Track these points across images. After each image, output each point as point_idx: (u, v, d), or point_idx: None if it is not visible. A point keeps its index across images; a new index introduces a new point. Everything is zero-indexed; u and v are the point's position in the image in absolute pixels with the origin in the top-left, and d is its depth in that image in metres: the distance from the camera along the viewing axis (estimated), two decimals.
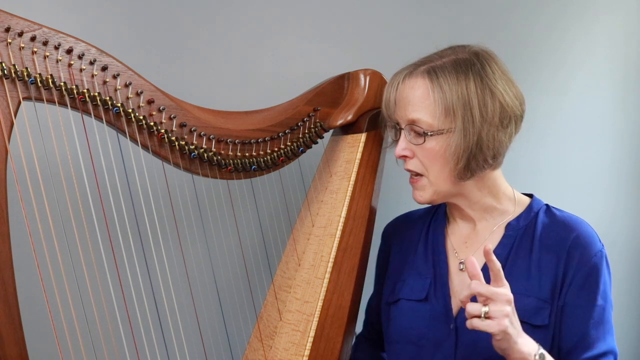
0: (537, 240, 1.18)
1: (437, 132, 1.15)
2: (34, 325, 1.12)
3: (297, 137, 1.30)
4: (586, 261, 1.15)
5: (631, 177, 2.06)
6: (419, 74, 1.16)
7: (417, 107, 1.16)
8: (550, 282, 1.15)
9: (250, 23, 1.53)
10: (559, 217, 1.21)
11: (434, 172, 1.19)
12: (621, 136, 2.03)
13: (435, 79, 1.15)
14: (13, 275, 0.98)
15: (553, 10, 1.87)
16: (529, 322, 1.13)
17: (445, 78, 1.15)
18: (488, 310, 1.01)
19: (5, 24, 0.98)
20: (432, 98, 1.15)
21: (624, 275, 2.06)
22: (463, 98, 1.14)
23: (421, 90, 1.15)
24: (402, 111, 1.19)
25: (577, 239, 1.16)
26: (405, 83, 1.18)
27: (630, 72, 2.02)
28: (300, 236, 1.36)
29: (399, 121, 1.20)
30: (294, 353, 1.21)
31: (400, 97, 1.18)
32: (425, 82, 1.15)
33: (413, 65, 1.20)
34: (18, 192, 1.00)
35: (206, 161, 1.19)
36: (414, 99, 1.16)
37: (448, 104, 1.14)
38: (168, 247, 1.26)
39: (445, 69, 1.15)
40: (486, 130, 1.14)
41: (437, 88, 1.14)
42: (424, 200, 1.22)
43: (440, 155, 1.16)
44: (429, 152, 1.17)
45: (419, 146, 1.17)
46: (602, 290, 1.15)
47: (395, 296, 1.27)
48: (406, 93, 1.17)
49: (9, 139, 0.98)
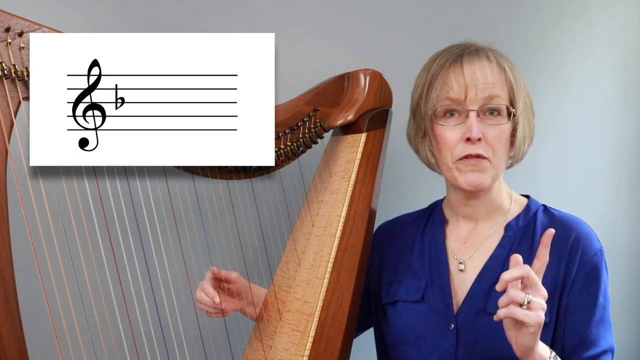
0: (536, 241, 1.18)
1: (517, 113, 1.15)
2: (34, 325, 1.12)
3: (297, 137, 1.30)
4: (587, 261, 1.15)
5: (631, 177, 2.06)
6: (483, 57, 1.16)
7: (496, 86, 1.14)
8: (550, 282, 1.14)
9: (250, 23, 1.53)
10: (557, 217, 1.21)
11: (498, 155, 1.16)
12: (621, 136, 2.03)
13: (501, 62, 1.16)
14: (13, 275, 0.98)
15: (553, 10, 1.87)
16: None
17: (507, 62, 1.17)
18: (531, 300, 0.96)
19: (5, 24, 0.98)
20: (505, 79, 1.15)
21: (624, 275, 2.06)
22: (521, 83, 1.17)
23: (495, 71, 1.15)
24: (475, 91, 1.14)
25: (577, 239, 1.16)
26: (474, 63, 1.15)
27: (630, 72, 2.02)
28: (300, 236, 1.36)
29: (468, 102, 1.14)
30: (294, 353, 1.21)
31: (473, 77, 1.14)
32: (493, 63, 1.15)
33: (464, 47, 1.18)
34: (18, 192, 1.00)
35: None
36: (492, 78, 1.14)
37: (518, 86, 1.15)
38: (168, 247, 1.26)
39: (501, 54, 1.18)
40: (531, 116, 1.20)
41: (507, 70, 1.15)
42: (485, 184, 1.16)
43: (507, 138, 1.16)
44: (502, 133, 1.15)
45: (492, 127, 1.14)
46: (602, 289, 1.15)
47: (392, 297, 1.27)
48: (481, 72, 1.14)
49: (9, 139, 0.98)
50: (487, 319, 1.14)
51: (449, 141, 1.17)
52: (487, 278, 1.18)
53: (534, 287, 0.97)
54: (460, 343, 1.16)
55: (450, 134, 1.16)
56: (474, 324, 1.14)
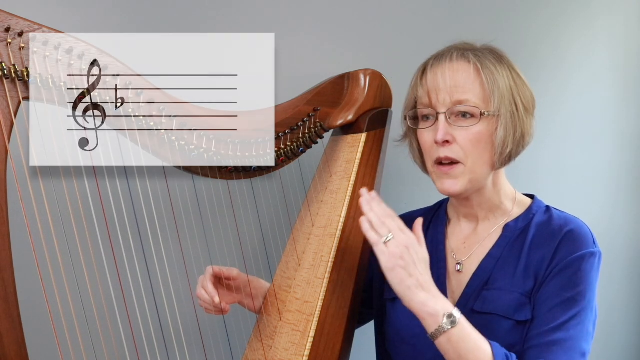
0: (529, 240, 1.17)
1: (490, 113, 1.13)
2: (34, 325, 1.12)
3: (297, 137, 1.30)
4: (570, 254, 1.11)
5: (631, 177, 2.06)
6: (462, 58, 1.15)
7: (466, 89, 1.13)
8: (534, 275, 1.13)
9: (250, 23, 1.53)
10: (556, 215, 1.20)
11: (474, 158, 1.15)
12: (621, 136, 2.03)
13: (483, 62, 1.14)
14: (13, 275, 0.98)
15: (552, 10, 1.87)
16: (512, 319, 1.13)
17: (490, 62, 1.15)
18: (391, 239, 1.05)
19: (5, 24, 0.98)
20: (482, 80, 1.14)
21: (624, 276, 2.06)
22: (508, 82, 1.15)
23: (469, 73, 1.14)
24: (445, 94, 1.14)
25: (569, 233, 1.14)
26: (449, 65, 1.15)
27: (630, 71, 2.02)
28: (300, 236, 1.36)
29: (437, 106, 1.15)
30: (294, 353, 1.21)
31: (444, 80, 1.14)
32: (472, 65, 1.14)
33: (450, 49, 1.18)
34: (18, 192, 1.00)
35: (206, 161, 1.19)
36: (464, 81, 1.14)
37: (496, 87, 1.13)
38: (168, 247, 1.26)
39: (485, 55, 1.16)
40: (526, 116, 1.17)
41: (486, 71, 1.14)
42: (457, 189, 1.16)
43: (486, 140, 1.14)
44: (475, 135, 1.14)
45: (463, 130, 1.14)
46: (582, 289, 1.09)
47: (392, 294, 1.27)
48: (452, 76, 1.14)
49: (9, 139, 0.98)
50: (477, 318, 1.13)
51: (425, 145, 1.19)
52: (480, 278, 1.18)
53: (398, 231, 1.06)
54: None
55: (426, 137, 1.18)
56: None
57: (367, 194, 1.14)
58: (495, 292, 1.15)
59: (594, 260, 1.12)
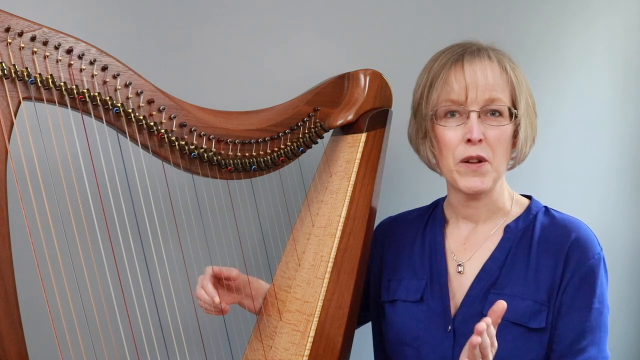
0: (535, 243, 1.18)
1: (519, 114, 1.14)
2: (34, 325, 1.12)
3: (297, 137, 1.30)
4: (583, 263, 1.14)
5: (631, 177, 2.06)
6: (485, 57, 1.15)
7: (497, 87, 1.13)
8: (547, 285, 1.14)
9: (251, 23, 1.53)
10: (558, 219, 1.20)
11: (499, 157, 1.15)
12: (621, 136, 2.03)
13: (503, 62, 1.15)
14: (13, 275, 0.98)
15: (552, 10, 1.87)
16: (525, 325, 1.13)
17: (509, 62, 1.16)
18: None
19: (5, 24, 0.98)
20: (506, 79, 1.14)
21: (624, 276, 2.06)
22: (523, 84, 1.16)
23: (496, 72, 1.14)
24: (476, 92, 1.13)
25: (576, 241, 1.15)
26: (475, 64, 1.14)
27: (630, 71, 2.02)
28: (300, 236, 1.36)
29: (471, 104, 1.14)
30: (294, 353, 1.21)
31: (473, 78, 1.13)
32: (495, 64, 1.14)
33: (466, 46, 1.17)
34: (18, 192, 1.00)
35: (206, 161, 1.19)
36: (493, 79, 1.13)
37: (517, 87, 1.14)
38: (168, 247, 1.26)
39: (504, 55, 1.17)
40: (534, 118, 1.19)
41: (509, 70, 1.14)
42: (486, 186, 1.16)
43: (509, 140, 1.16)
44: (503, 134, 1.14)
45: (493, 128, 1.13)
46: (599, 294, 1.13)
47: (391, 296, 1.27)
48: (482, 73, 1.13)
49: (9, 139, 0.98)
50: None
51: (449, 142, 1.16)
52: (484, 280, 1.18)
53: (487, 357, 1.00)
54: (458, 346, 1.16)
55: (451, 135, 1.15)
56: (471, 327, 1.13)
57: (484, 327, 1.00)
58: (505, 297, 1.14)
59: (602, 262, 1.16)
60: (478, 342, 0.96)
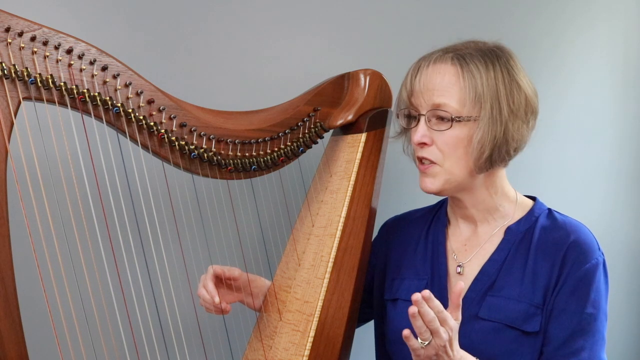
0: (534, 245, 1.17)
1: (465, 118, 1.13)
2: (34, 325, 1.12)
3: (297, 137, 1.30)
4: (580, 267, 1.13)
5: (631, 177, 2.06)
6: (448, 60, 1.14)
7: (444, 92, 1.13)
8: (543, 287, 1.14)
9: (251, 23, 1.53)
10: (559, 221, 1.20)
11: (451, 161, 1.15)
12: (621, 136, 2.03)
13: (465, 66, 1.13)
14: (13, 275, 0.98)
15: (552, 10, 1.87)
16: (520, 329, 1.13)
17: (475, 65, 1.13)
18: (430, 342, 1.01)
19: (5, 24, 0.98)
20: (461, 84, 1.13)
21: (624, 276, 2.06)
22: (492, 86, 1.13)
23: (450, 76, 1.13)
24: (425, 96, 1.15)
25: (574, 244, 1.14)
26: (431, 68, 1.15)
27: (630, 72, 2.02)
28: (300, 236, 1.36)
29: (419, 107, 1.16)
30: (294, 353, 1.21)
31: (425, 82, 1.15)
32: (454, 68, 1.13)
33: (439, 51, 1.17)
34: (18, 192, 1.00)
35: (206, 161, 1.19)
36: (442, 84, 1.14)
37: (478, 91, 1.12)
38: (168, 247, 1.26)
39: (474, 56, 1.14)
40: (512, 121, 1.14)
41: (467, 74, 1.13)
42: (434, 188, 1.18)
43: (464, 144, 1.14)
44: (451, 139, 1.14)
45: (441, 133, 1.14)
46: (593, 299, 1.12)
47: (393, 294, 1.27)
48: (432, 78, 1.14)
49: (9, 139, 0.98)
50: (479, 323, 1.14)
51: (412, 143, 1.20)
52: (482, 282, 1.18)
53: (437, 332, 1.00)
54: None
55: (412, 136, 1.19)
56: (467, 329, 1.13)
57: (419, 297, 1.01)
58: (502, 299, 1.15)
59: (602, 268, 1.15)
60: (414, 312, 0.99)
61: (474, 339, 1.12)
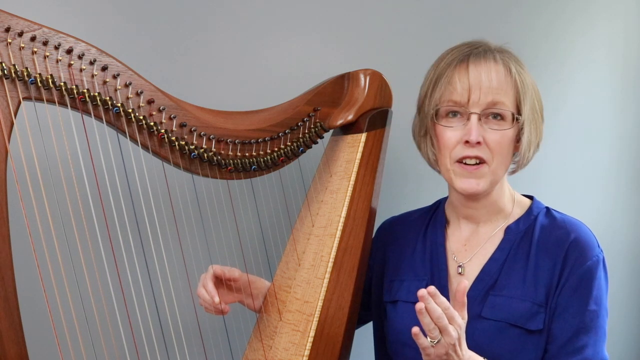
0: (534, 244, 1.17)
1: (522, 118, 1.13)
2: (34, 325, 1.12)
3: (297, 137, 1.30)
4: (581, 264, 1.13)
5: (631, 177, 2.06)
6: (491, 58, 1.13)
7: (500, 91, 1.12)
8: (545, 285, 1.14)
9: (251, 23, 1.53)
10: (558, 220, 1.20)
11: (499, 161, 1.14)
12: (621, 137, 2.03)
13: (509, 64, 1.13)
14: (13, 275, 0.98)
15: (552, 11, 1.87)
16: (524, 327, 1.13)
17: (515, 65, 1.14)
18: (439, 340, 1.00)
19: (5, 24, 0.98)
20: (510, 84, 1.13)
21: (624, 276, 2.06)
22: (529, 86, 1.15)
23: (501, 75, 1.13)
24: (479, 94, 1.12)
25: (575, 242, 1.15)
26: (478, 65, 1.13)
27: (630, 72, 2.02)
28: (300, 236, 1.36)
29: (472, 105, 1.13)
30: (294, 353, 1.21)
31: (477, 79, 1.13)
32: (500, 66, 1.13)
33: (474, 47, 1.16)
34: (18, 192, 1.00)
35: (206, 161, 1.19)
36: (497, 82, 1.12)
37: (522, 91, 1.13)
38: (168, 247, 1.26)
39: (511, 57, 1.15)
40: (539, 122, 1.17)
41: (515, 73, 1.13)
42: (481, 189, 1.16)
43: (510, 144, 1.14)
44: (504, 138, 1.13)
45: (495, 132, 1.13)
46: (595, 296, 1.13)
47: (393, 296, 1.27)
48: (485, 75, 1.13)
49: (9, 139, 0.98)
50: (482, 323, 1.14)
51: (448, 142, 1.16)
52: (484, 282, 1.18)
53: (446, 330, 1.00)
54: None
55: (450, 134, 1.16)
56: (470, 328, 1.13)
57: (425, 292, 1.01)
58: (504, 298, 1.15)
59: (602, 265, 1.15)
60: (421, 308, 0.98)
61: (478, 339, 1.12)
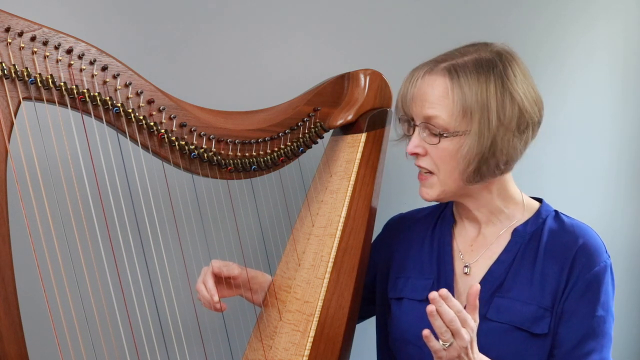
0: (542, 248, 1.17)
1: (452, 133, 1.12)
2: (34, 325, 1.12)
3: (297, 137, 1.30)
4: (589, 270, 1.13)
5: (631, 177, 2.06)
6: (440, 72, 1.13)
7: (434, 105, 1.13)
8: (552, 290, 1.14)
9: (251, 23, 1.53)
10: (567, 224, 1.20)
11: (444, 172, 1.16)
12: (621, 137, 2.03)
13: (456, 79, 1.11)
14: (13, 275, 0.98)
15: (552, 11, 1.87)
16: (528, 331, 1.13)
17: (466, 78, 1.11)
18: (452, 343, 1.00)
19: (5, 24, 0.98)
20: (450, 97, 1.12)
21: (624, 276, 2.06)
22: (482, 100, 1.11)
23: (440, 89, 1.12)
24: (418, 107, 1.15)
25: (583, 248, 1.15)
26: (424, 79, 1.14)
27: (630, 72, 2.02)
28: (300, 236, 1.36)
29: (414, 117, 1.17)
30: (294, 353, 1.21)
31: (418, 93, 1.15)
32: (445, 80, 1.12)
33: (433, 61, 1.16)
34: (18, 192, 1.00)
35: (206, 161, 1.19)
36: (432, 97, 1.13)
37: (466, 105, 1.11)
38: (168, 247, 1.26)
39: (467, 68, 1.12)
40: (502, 134, 1.11)
41: (456, 88, 1.11)
42: (431, 197, 1.20)
43: (452, 157, 1.14)
44: (442, 152, 1.14)
45: (433, 145, 1.15)
46: (602, 301, 1.13)
47: (398, 293, 1.27)
48: (424, 89, 1.14)
49: (9, 139, 0.98)
50: (487, 324, 1.14)
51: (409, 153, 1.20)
52: (490, 283, 1.18)
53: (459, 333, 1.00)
54: None
55: (408, 146, 1.20)
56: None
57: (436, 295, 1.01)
58: (510, 301, 1.15)
59: (608, 270, 1.15)
60: (432, 310, 0.98)
61: (482, 340, 1.12)
